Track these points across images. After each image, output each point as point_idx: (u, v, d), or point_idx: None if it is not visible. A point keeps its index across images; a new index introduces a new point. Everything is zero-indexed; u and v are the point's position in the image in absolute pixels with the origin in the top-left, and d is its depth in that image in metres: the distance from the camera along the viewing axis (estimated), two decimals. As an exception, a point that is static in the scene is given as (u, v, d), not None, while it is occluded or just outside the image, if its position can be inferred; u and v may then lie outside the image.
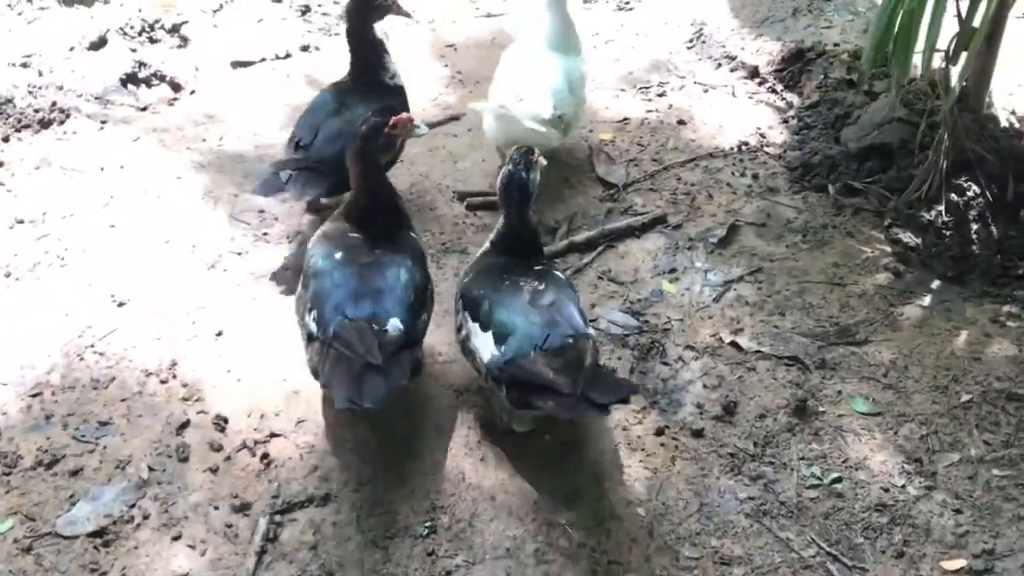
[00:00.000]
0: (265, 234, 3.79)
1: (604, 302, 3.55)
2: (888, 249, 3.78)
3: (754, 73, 4.81)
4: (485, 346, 2.86)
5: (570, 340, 2.77)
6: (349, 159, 3.09)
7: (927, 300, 3.59)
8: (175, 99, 4.59)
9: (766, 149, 4.31)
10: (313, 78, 4.73)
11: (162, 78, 4.67)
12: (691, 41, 5.11)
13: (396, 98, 3.73)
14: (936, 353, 3.36)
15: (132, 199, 3.94)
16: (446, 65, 4.91)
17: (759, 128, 4.45)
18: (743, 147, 4.31)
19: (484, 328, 2.88)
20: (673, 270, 3.69)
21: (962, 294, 3.61)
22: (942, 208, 3.78)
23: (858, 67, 4.60)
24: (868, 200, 3.96)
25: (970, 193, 3.78)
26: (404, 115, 3.12)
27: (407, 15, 3.93)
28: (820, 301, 3.56)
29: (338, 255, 2.95)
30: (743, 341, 3.38)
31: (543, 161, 3.11)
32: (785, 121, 4.50)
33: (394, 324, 2.79)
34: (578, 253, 3.75)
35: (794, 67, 4.77)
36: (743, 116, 4.53)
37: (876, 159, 4.05)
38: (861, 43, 4.94)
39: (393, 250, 2.99)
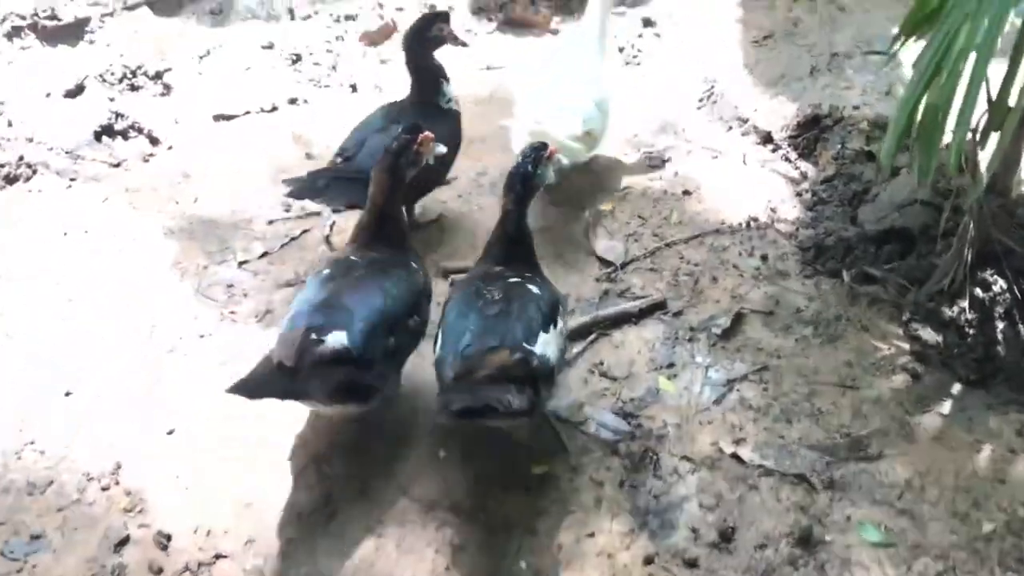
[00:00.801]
0: (232, 313, 3.52)
1: (594, 400, 3.26)
2: (906, 347, 3.47)
3: (767, 138, 4.53)
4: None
5: (489, 349, 2.74)
6: (376, 173, 3.10)
7: (947, 407, 3.28)
8: (151, 155, 4.34)
9: (777, 226, 4.02)
10: (299, 134, 4.48)
11: (139, 130, 4.42)
12: (702, 101, 4.84)
13: (449, 122, 3.84)
14: (956, 472, 3.05)
15: (94, 269, 3.68)
16: (441, 122, 4.64)
17: (770, 201, 4.15)
18: (752, 223, 4.02)
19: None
20: (672, 364, 3.40)
21: (985, 401, 3.29)
22: (966, 304, 3.47)
23: (877, 138, 4.32)
24: (885, 289, 3.66)
25: (996, 288, 3.48)
26: (428, 133, 3.15)
27: (463, 44, 4.10)
28: (831, 407, 3.26)
29: (326, 271, 2.95)
30: (745, 453, 3.09)
31: (563, 160, 3.26)
32: (799, 194, 4.21)
33: (336, 337, 2.70)
34: (569, 342, 3.46)
35: (810, 134, 4.48)
36: (753, 187, 4.25)
37: (895, 244, 3.76)
38: (881, 109, 4.67)
39: (383, 274, 2.96)
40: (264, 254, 3.80)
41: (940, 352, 3.44)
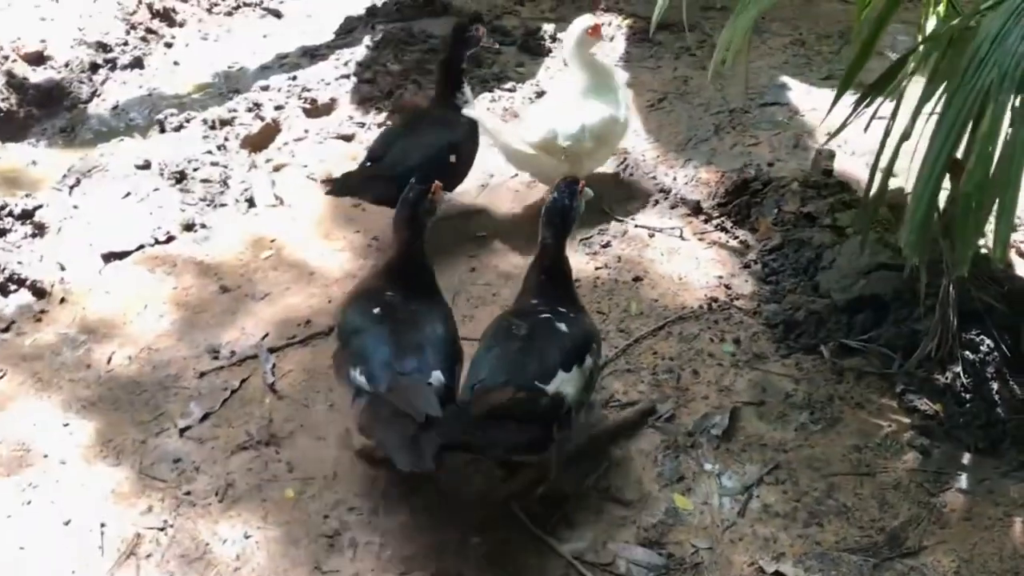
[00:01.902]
0: (188, 494, 3.09)
1: (616, 533, 3.00)
2: (906, 421, 3.37)
3: (697, 209, 4.38)
4: None
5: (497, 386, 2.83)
6: (396, 223, 3.24)
7: (964, 481, 3.19)
8: (43, 311, 3.82)
9: (737, 303, 3.87)
10: (206, 265, 4.04)
11: (20, 282, 3.89)
12: (618, 174, 4.66)
13: (466, 128, 4.16)
14: (998, 553, 2.95)
15: (4, 467, 3.17)
16: (357, 231, 4.28)
17: (721, 278, 4.00)
18: (713, 304, 3.86)
19: None
20: (682, 478, 3.18)
21: (999, 469, 3.22)
22: (959, 369, 3.39)
23: (812, 199, 4.25)
24: (869, 361, 3.56)
25: (984, 348, 3.42)
26: (438, 183, 3.28)
27: (494, 48, 4.87)
28: (854, 500, 3.10)
29: (376, 310, 3.06)
30: (788, 569, 2.89)
31: (589, 192, 3.30)
32: (747, 266, 4.07)
33: (437, 376, 2.87)
34: (571, 473, 3.19)
35: (740, 200, 4.37)
36: (700, 264, 4.09)
37: (868, 312, 3.66)
38: (796, 163, 4.63)
39: (428, 306, 3.14)
40: (206, 415, 3.37)
41: (941, 423, 3.35)
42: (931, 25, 3.79)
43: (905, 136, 3.07)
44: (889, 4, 3.50)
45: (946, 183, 2.80)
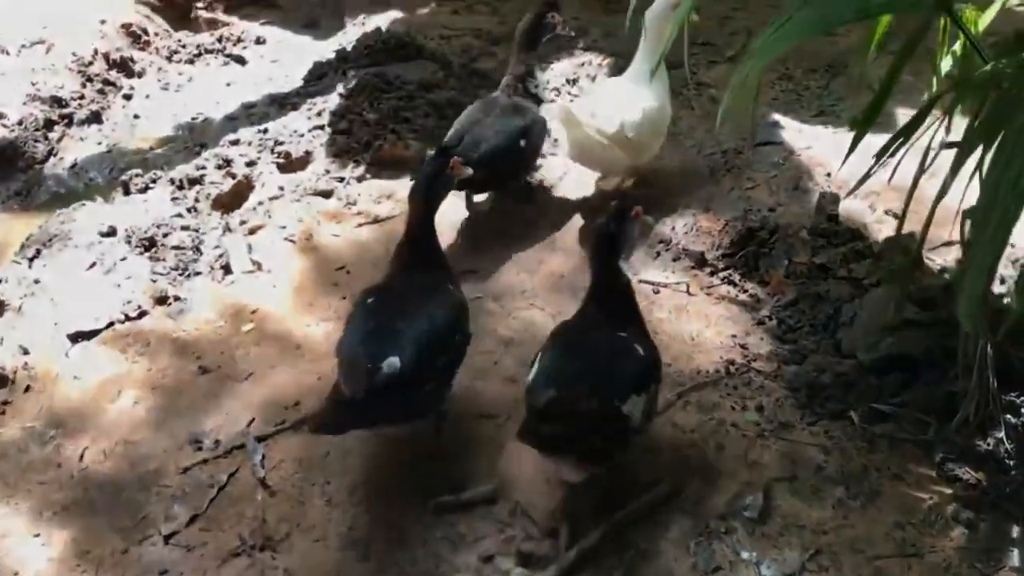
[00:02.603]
0: (180, 612, 2.79)
1: (651, 638, 2.75)
2: (948, 491, 3.15)
3: (701, 261, 4.16)
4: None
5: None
6: (412, 195, 3.26)
7: (1017, 557, 2.97)
8: (5, 402, 3.50)
9: (755, 366, 3.64)
10: (183, 342, 3.74)
11: (-20, 370, 3.58)
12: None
13: (535, 114, 4.36)
14: (1064, 639, 2.73)
15: (-23, 589, 2.86)
16: (343, 297, 4.00)
17: (735, 337, 3.78)
18: (730, 368, 3.62)
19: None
20: (718, 568, 2.93)
21: (1051, 541, 3.01)
22: (1001, 435, 3.19)
23: (823, 248, 4.04)
24: (902, 426, 3.34)
25: (1025, 411, 3.22)
26: (457, 158, 3.36)
27: (569, 35, 4.77)
28: (906, 586, 2.88)
29: (370, 300, 3.11)
30: (843, 670, 2.65)
31: (649, 220, 3.32)
32: (761, 323, 3.85)
33: (390, 362, 2.84)
34: (593, 567, 2.93)
35: (747, 250, 4.15)
36: (711, 322, 3.86)
37: (897, 372, 3.44)
38: (799, 208, 4.43)
39: (424, 295, 3.11)
40: (193, 518, 3.07)
41: (986, 492, 3.13)
42: (945, 64, 3.61)
43: (943, 193, 2.88)
44: (906, 48, 3.31)
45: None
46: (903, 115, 4.89)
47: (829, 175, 4.75)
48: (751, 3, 6.20)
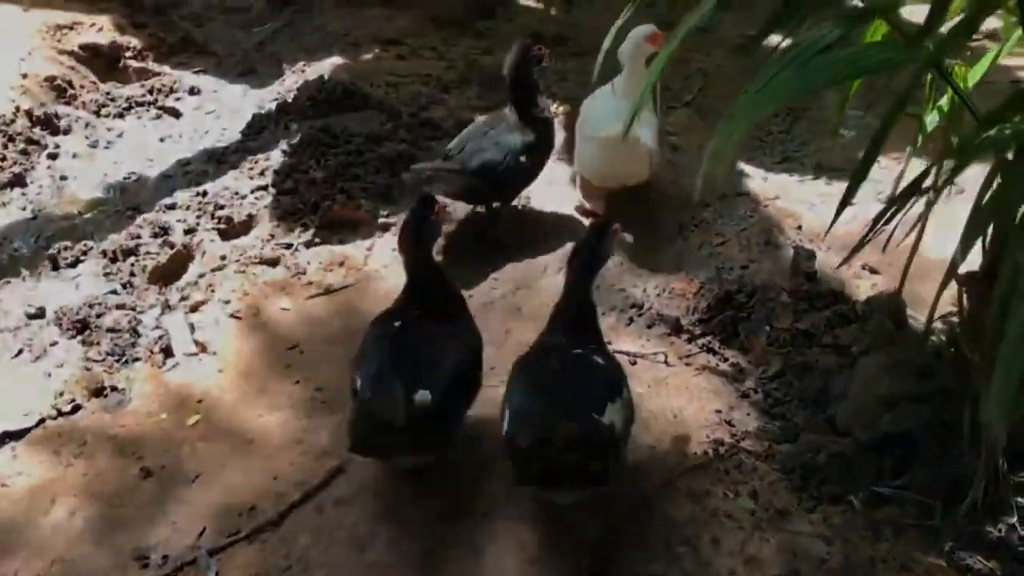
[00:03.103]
0: None
1: None
2: (961, 582, 2.95)
3: (677, 328, 3.94)
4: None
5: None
6: (400, 244, 3.33)
7: (1037, 654, 2.78)
8: (-78, 519, 3.14)
9: (744, 445, 3.41)
10: (122, 440, 3.41)
11: None
12: (584, 289, 4.18)
13: (545, 127, 4.46)
14: None
15: None
16: (297, 381, 3.70)
17: (720, 412, 3.55)
18: (719, 449, 3.39)
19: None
20: None
21: (1072, 634, 2.82)
22: (1013, 520, 2.99)
23: (805, 312, 3.84)
24: (906, 511, 3.13)
25: (1037, 492, 3.03)
26: (441, 204, 3.43)
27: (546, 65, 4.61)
28: None
29: (396, 323, 3.14)
30: None
31: (628, 237, 3.51)
32: (745, 395, 3.63)
33: (423, 395, 2.89)
34: None
35: (724, 315, 3.93)
36: (693, 396, 3.63)
37: (896, 450, 3.24)
38: (772, 265, 4.24)
39: (445, 328, 3.18)
40: (143, 652, 2.74)
41: (1002, 582, 2.94)
42: (931, 120, 3.44)
43: (955, 266, 2.70)
44: (896, 106, 3.13)
45: None
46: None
47: (800, 227, 4.58)
48: (704, 45, 6.02)
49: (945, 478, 3.13)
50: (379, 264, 4.30)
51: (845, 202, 3.13)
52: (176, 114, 5.76)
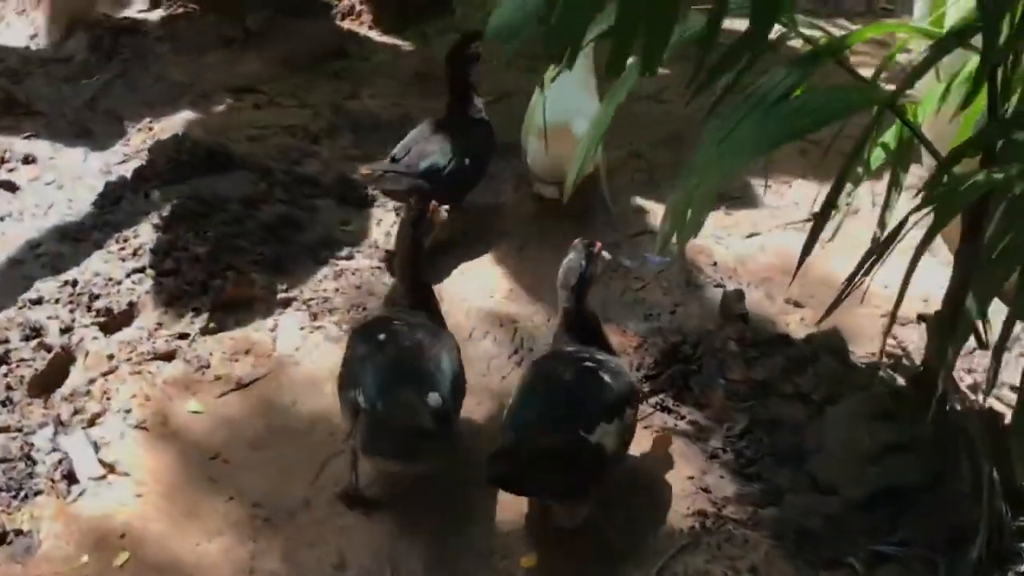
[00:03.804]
0: None
1: None
2: (978, 638, 2.87)
3: (625, 387, 3.73)
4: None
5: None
6: (398, 244, 3.48)
7: None
8: None
9: (728, 513, 3.25)
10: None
11: None
12: (517, 352, 3.94)
13: (482, 130, 4.55)
14: None
15: None
16: (230, 498, 3.29)
17: (693, 479, 3.39)
18: (704, 522, 3.22)
19: None
20: None
21: None
22: (1022, 568, 2.94)
23: (756, 360, 3.73)
24: (909, 568, 3.04)
25: (1040, 535, 2.99)
26: (434, 203, 3.50)
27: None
28: None
29: (380, 336, 3.17)
30: None
31: (606, 255, 3.43)
32: (715, 456, 3.48)
33: (434, 397, 2.99)
34: None
35: (672, 369, 3.77)
36: (661, 462, 3.44)
37: (889, 505, 3.15)
38: (699, 305, 4.14)
39: (432, 335, 3.24)
40: None
41: (1014, 634, 2.88)
42: (876, 157, 3.38)
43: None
44: (858, 149, 3.07)
45: None
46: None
47: (715, 264, 4.47)
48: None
49: (945, 529, 3.05)
50: (289, 347, 3.92)
51: (807, 251, 3.05)
52: (11, 188, 5.10)
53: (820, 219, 3.13)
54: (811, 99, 3.02)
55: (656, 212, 4.82)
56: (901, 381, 3.69)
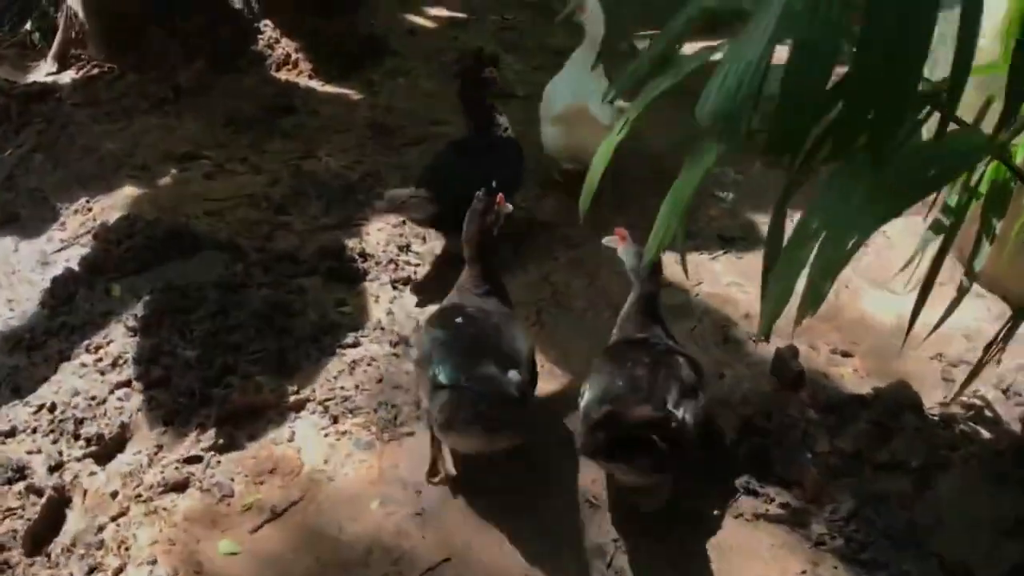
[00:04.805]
0: None
1: None
2: None
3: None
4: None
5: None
6: (468, 233, 3.55)
7: None
8: None
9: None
10: None
11: None
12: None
13: (510, 148, 4.45)
14: None
15: None
16: None
17: (804, 573, 3.07)
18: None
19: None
20: None
21: None
22: None
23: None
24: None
25: None
26: (501, 195, 3.58)
27: (510, 94, 4.83)
28: None
29: (458, 320, 3.31)
30: None
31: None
32: (821, 543, 3.16)
33: (513, 374, 3.09)
34: None
35: (750, 445, 3.46)
36: (765, 557, 3.14)
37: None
38: (747, 366, 3.86)
39: (506, 318, 3.40)
40: None
41: None
42: (953, 199, 3.15)
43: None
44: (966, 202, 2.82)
45: None
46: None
47: (747, 316, 4.19)
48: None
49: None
50: (316, 460, 3.46)
51: (917, 311, 2.78)
52: (-66, 291, 4.49)
53: (925, 292, 2.89)
54: (926, 151, 2.74)
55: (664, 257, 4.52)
56: (986, 433, 3.47)
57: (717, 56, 2.33)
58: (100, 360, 3.81)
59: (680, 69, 2.62)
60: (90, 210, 4.88)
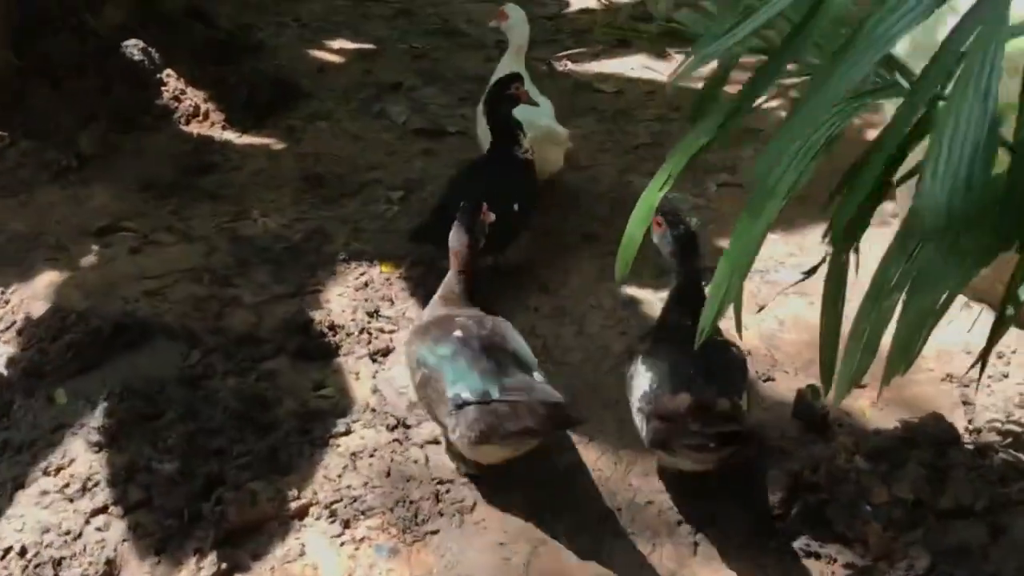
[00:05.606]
0: None
1: None
2: None
3: (756, 531, 3.21)
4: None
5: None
6: (456, 240, 3.51)
7: None
8: None
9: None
10: None
11: None
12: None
13: (526, 169, 4.37)
14: None
15: None
16: None
17: None
18: None
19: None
20: None
21: None
22: None
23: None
24: None
25: None
26: (485, 205, 3.57)
27: (535, 104, 4.43)
28: None
29: (457, 333, 3.24)
30: None
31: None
32: None
33: (538, 376, 3.18)
34: None
35: (802, 501, 3.26)
36: None
37: None
38: (769, 410, 3.66)
39: (500, 324, 3.38)
40: None
41: None
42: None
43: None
44: None
45: None
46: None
47: (750, 352, 4.00)
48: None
49: None
50: (330, 573, 3.10)
51: (989, 348, 2.63)
52: None
53: (999, 330, 2.72)
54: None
55: (637, 298, 4.31)
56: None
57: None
58: (66, 485, 3.34)
59: (720, 114, 2.37)
60: (7, 302, 4.33)
